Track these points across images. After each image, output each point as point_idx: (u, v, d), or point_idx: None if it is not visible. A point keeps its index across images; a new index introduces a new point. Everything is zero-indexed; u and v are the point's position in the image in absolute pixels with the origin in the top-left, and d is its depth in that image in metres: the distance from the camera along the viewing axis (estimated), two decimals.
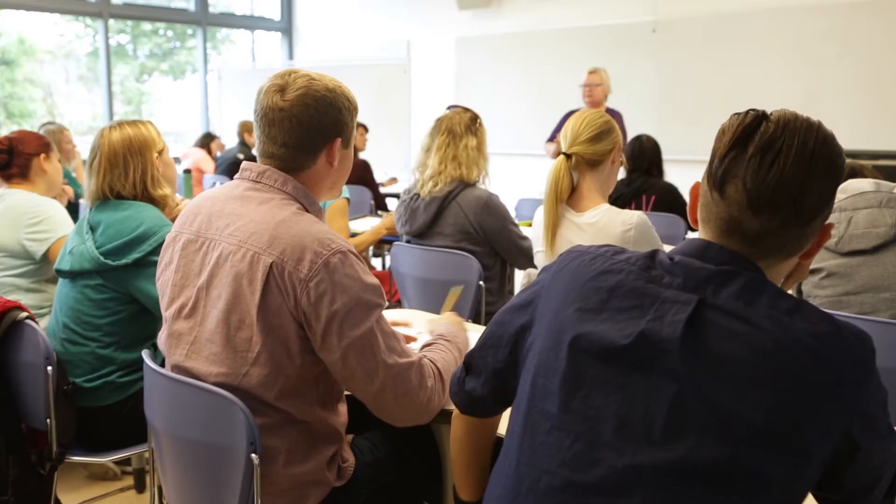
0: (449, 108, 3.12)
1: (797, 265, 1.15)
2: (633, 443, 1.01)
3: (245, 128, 7.17)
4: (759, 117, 1.09)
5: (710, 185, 1.11)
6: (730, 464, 0.97)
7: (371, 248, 5.13)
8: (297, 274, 1.48)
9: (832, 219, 2.33)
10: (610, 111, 5.41)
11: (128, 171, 2.30)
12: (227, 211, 1.59)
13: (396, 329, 1.74)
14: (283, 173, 1.61)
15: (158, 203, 2.33)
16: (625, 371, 1.04)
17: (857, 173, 2.58)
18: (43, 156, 2.86)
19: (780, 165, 1.05)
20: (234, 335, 1.52)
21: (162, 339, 1.68)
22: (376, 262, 6.03)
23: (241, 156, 6.87)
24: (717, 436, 0.97)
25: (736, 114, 1.13)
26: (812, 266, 2.34)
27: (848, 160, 2.61)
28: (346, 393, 1.70)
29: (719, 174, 1.09)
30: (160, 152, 2.37)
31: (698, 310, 1.03)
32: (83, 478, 3.04)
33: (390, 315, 2.18)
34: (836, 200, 2.39)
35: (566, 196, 2.50)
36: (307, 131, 1.60)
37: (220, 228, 1.57)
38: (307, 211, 1.61)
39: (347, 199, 3.96)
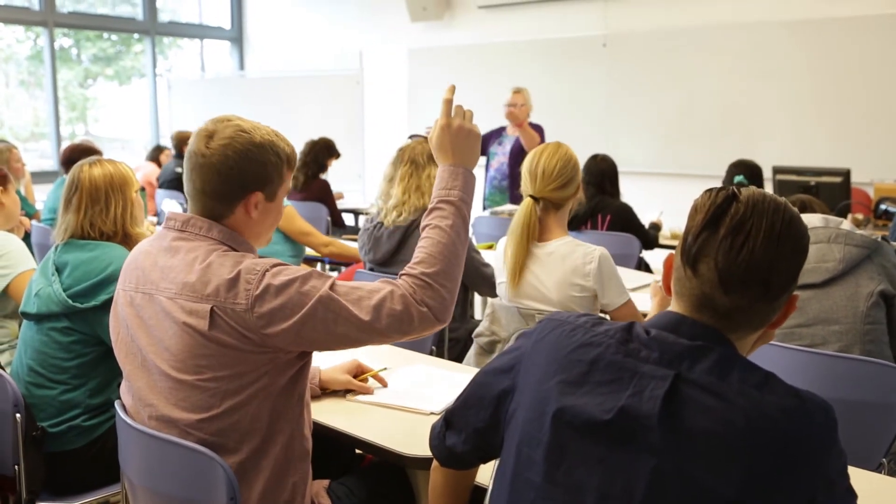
0: (411, 137, 3.17)
1: (764, 332, 1.22)
2: None
3: (181, 139, 7.03)
4: (730, 197, 1.16)
5: (683, 261, 1.17)
6: None
7: (328, 266, 5.15)
8: (237, 307, 1.51)
9: None
10: (533, 125, 5.55)
11: (109, 207, 2.29)
12: (160, 264, 1.61)
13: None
14: (208, 220, 1.62)
15: (132, 240, 2.32)
16: (606, 445, 1.10)
17: (806, 208, 2.67)
18: (0, 189, 2.82)
19: (749, 247, 1.11)
20: (197, 379, 1.54)
21: (127, 398, 1.68)
22: None
23: (178, 170, 6.75)
24: None
25: (707, 191, 1.19)
26: None
27: (797, 196, 2.68)
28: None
29: (692, 252, 1.15)
30: (136, 192, 2.37)
31: (675, 385, 1.09)
32: None
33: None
34: None
35: (536, 237, 2.56)
36: (223, 182, 1.60)
37: (154, 282, 1.60)
38: (235, 250, 1.62)
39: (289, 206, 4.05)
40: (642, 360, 1.13)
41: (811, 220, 2.47)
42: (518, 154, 5.24)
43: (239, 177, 1.60)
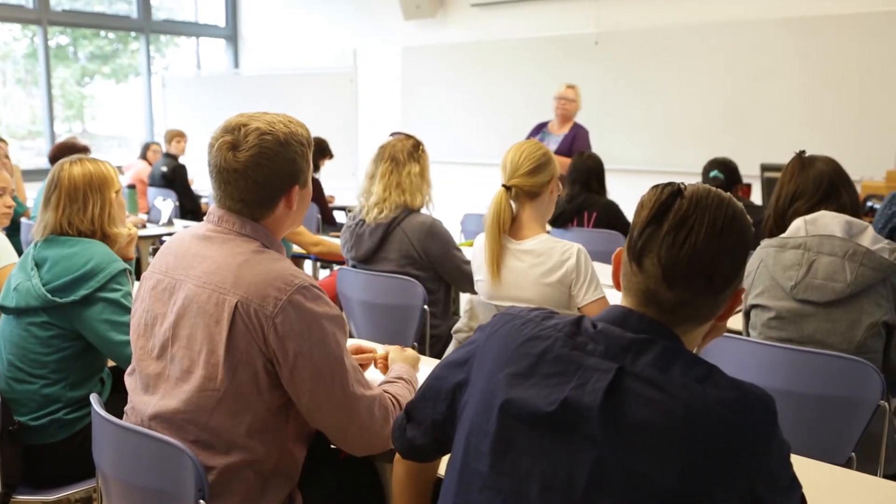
0: (392, 134, 3.19)
1: (713, 326, 1.24)
2: (557, 503, 1.09)
3: (171, 136, 7.06)
4: (675, 193, 1.18)
5: (629, 256, 1.20)
6: None
7: (318, 263, 5.17)
8: (262, 311, 1.54)
9: (795, 255, 2.29)
10: (577, 126, 5.52)
11: (87, 206, 2.31)
12: (193, 251, 1.65)
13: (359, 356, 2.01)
14: (241, 217, 1.66)
15: (110, 240, 2.34)
16: (550, 436, 1.12)
17: (834, 191, 2.41)
18: None
19: (692, 242, 1.13)
20: (203, 373, 1.57)
21: (133, 380, 1.72)
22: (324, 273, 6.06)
23: (164, 168, 6.79)
24: (634, 498, 1.06)
25: (654, 187, 1.21)
26: (764, 303, 2.33)
27: (830, 168, 2.39)
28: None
29: (637, 248, 1.17)
30: (117, 192, 2.39)
31: (618, 377, 1.11)
32: None
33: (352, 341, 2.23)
34: (804, 232, 2.31)
35: (508, 227, 2.57)
36: (263, 189, 1.64)
37: (185, 269, 1.64)
38: (268, 248, 1.66)
39: None
40: (588, 354, 1.15)
41: (832, 224, 2.30)
42: (567, 154, 5.10)
43: (276, 179, 1.64)
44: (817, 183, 2.40)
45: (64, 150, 4.40)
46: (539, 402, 1.13)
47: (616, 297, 2.71)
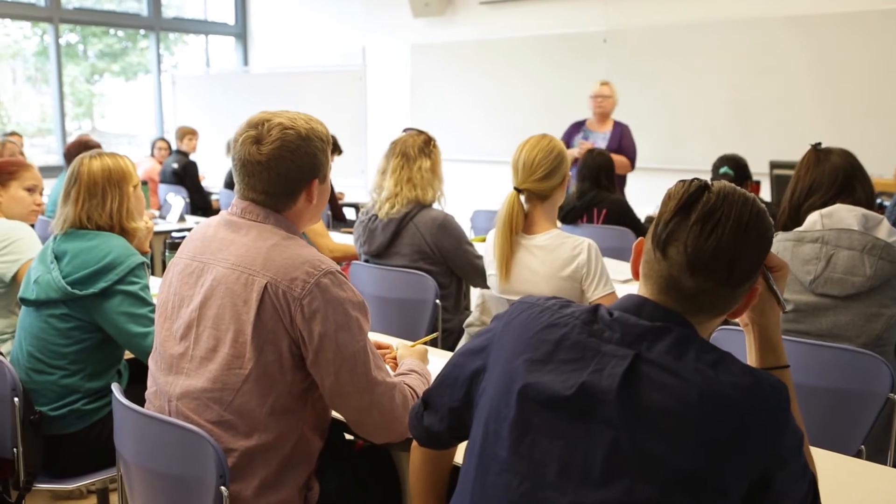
0: (404, 130, 3.21)
1: (725, 322, 1.27)
2: (574, 484, 1.12)
3: (182, 133, 7.11)
4: (702, 187, 1.22)
5: (654, 244, 1.23)
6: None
7: None
8: (291, 292, 1.60)
9: (813, 249, 2.29)
10: (620, 124, 5.53)
11: (105, 201, 2.35)
12: (220, 236, 1.71)
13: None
14: (265, 208, 1.72)
15: (129, 234, 2.38)
16: (567, 419, 1.15)
17: (849, 185, 2.39)
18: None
19: (718, 234, 1.17)
20: (230, 352, 1.62)
21: (156, 363, 1.76)
22: None
23: (175, 165, 6.85)
24: (649, 479, 1.09)
25: (681, 181, 1.25)
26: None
27: (846, 162, 2.40)
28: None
29: (663, 236, 1.21)
30: (135, 187, 2.42)
31: (634, 363, 1.14)
32: (47, 498, 3.07)
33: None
34: (820, 226, 2.32)
35: (520, 228, 2.59)
36: (286, 181, 1.70)
37: (213, 252, 1.70)
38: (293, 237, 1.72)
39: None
40: (605, 340, 1.18)
41: (849, 218, 2.29)
42: (616, 151, 5.18)
43: (298, 172, 1.70)
44: (832, 177, 2.40)
45: (79, 148, 4.45)
46: (557, 386, 1.16)
47: (626, 292, 2.73)
